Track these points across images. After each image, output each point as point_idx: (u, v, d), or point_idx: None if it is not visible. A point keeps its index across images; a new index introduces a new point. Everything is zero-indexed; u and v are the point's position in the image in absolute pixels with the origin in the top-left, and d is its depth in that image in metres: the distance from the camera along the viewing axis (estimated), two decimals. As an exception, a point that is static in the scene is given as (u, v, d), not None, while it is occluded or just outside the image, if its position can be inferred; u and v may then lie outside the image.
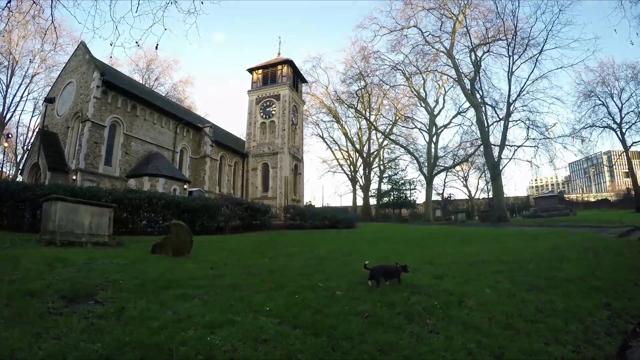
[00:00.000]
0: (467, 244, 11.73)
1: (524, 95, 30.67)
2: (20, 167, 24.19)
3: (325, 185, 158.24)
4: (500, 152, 31.46)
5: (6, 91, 36.28)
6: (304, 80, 40.10)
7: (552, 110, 34.99)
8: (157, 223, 13.84)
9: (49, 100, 19.34)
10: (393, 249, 10.76)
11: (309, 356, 2.63)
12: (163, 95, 44.13)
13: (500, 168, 32.01)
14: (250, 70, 36.31)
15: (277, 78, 34.98)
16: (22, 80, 37.75)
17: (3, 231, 9.86)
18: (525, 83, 30.08)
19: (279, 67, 35.15)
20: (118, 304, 3.67)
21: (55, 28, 7.64)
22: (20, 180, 20.60)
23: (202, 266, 5.86)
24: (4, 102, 35.98)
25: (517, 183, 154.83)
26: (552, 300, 4.16)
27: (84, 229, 9.08)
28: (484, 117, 31.69)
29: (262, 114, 34.55)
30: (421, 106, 42.39)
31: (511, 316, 3.64)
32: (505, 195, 53.21)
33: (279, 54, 38.08)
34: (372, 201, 52.17)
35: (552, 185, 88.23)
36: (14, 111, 37.61)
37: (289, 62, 34.96)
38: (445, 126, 41.69)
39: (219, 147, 29.69)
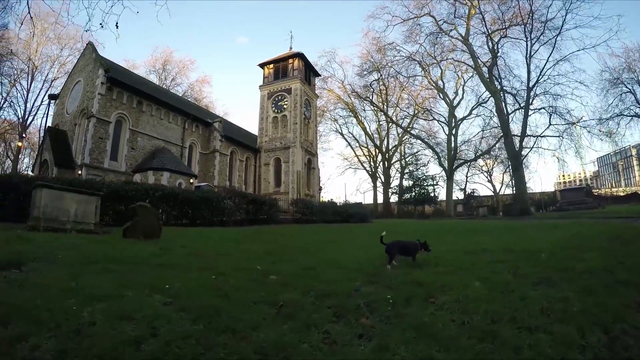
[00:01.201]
0: (476, 235, 11.21)
1: (544, 80, 29.63)
2: (32, 164, 25.60)
3: (348, 183, 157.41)
4: (521, 142, 30.34)
5: (27, 96, 38.15)
6: (317, 74, 39.94)
7: (576, 96, 33.29)
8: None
9: (53, 97, 20.19)
10: (391, 238, 10.44)
11: (163, 341, 2.19)
12: (180, 95, 45.39)
13: (522, 158, 30.89)
14: (262, 65, 36.48)
15: (289, 72, 34.99)
16: (42, 85, 39.63)
17: (5, 222, 10.23)
18: (544, 66, 28.78)
19: (290, 60, 35.15)
20: (36, 273, 3.64)
21: (31, 18, 7.81)
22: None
23: (153, 248, 5.79)
24: (25, 107, 37.90)
25: (543, 178, 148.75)
26: (565, 298, 3.08)
27: (69, 216, 9.28)
28: (503, 105, 30.66)
29: (273, 108, 34.66)
30: (440, 98, 41.55)
31: (499, 320, 2.64)
32: (531, 191, 51.49)
33: (290, 48, 38.12)
34: (395, 198, 51.63)
35: (580, 180, 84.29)
36: (35, 115, 39.64)
37: (300, 55, 34.90)
38: (465, 117, 40.63)
39: (229, 143, 30.03)
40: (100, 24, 6.71)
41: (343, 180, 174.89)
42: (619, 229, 9.13)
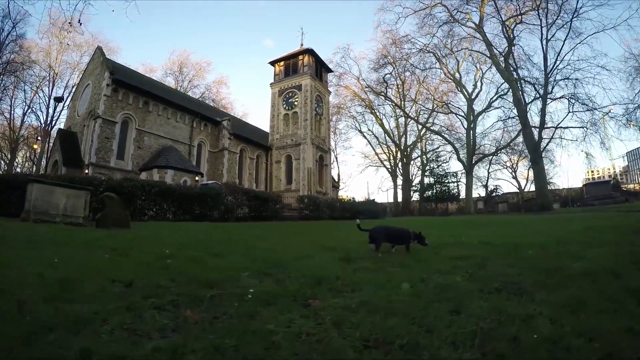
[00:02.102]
0: (472, 228, 11.07)
1: (563, 67, 28.55)
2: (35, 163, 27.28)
3: (371, 181, 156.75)
4: (540, 132, 29.45)
5: (48, 102, 40.53)
6: (329, 70, 40.06)
7: (598, 82, 30.96)
8: (152, 210, 14.81)
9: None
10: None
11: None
12: (197, 96, 46.88)
13: (542, 150, 29.90)
14: (272, 63, 37.00)
15: (299, 68, 35.33)
16: (64, 91, 41.86)
17: (9, 217, 11.03)
18: (561, 48, 27.75)
19: (300, 57, 35.47)
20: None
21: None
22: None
23: (105, 234, 6.17)
24: (47, 112, 40.25)
25: (570, 174, 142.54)
26: (528, 317, 2.04)
27: (59, 209, 9.94)
28: (521, 95, 29.77)
29: (284, 105, 35.10)
30: (458, 91, 40.77)
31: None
32: (558, 187, 49.53)
33: (301, 44, 38.34)
34: (417, 196, 51.27)
35: (610, 176, 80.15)
36: (57, 120, 42.00)
37: (310, 51, 35.14)
38: (484, 110, 39.60)
39: (239, 140, 30.70)
40: (79, 21, 7.16)
41: (366, 178, 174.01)
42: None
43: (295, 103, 34.45)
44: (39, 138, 32.44)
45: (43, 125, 39.82)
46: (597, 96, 55.76)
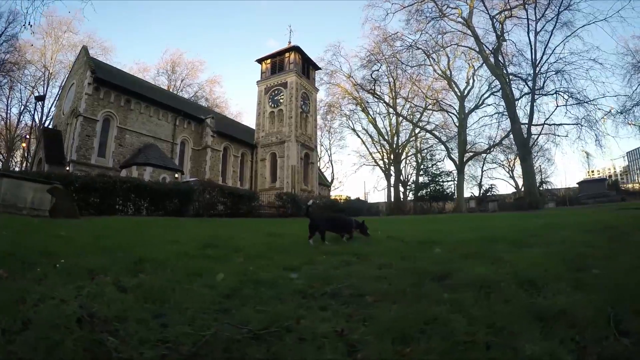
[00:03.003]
0: (430, 224, 12.03)
1: (554, 61, 29.15)
2: (30, 162, 28.72)
3: (367, 181, 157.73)
4: (529, 128, 30.23)
5: (43, 102, 41.95)
6: (317, 67, 41.03)
7: (591, 77, 30.81)
8: (124, 205, 15.98)
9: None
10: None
11: None
12: (190, 95, 48.30)
13: (531, 146, 30.76)
14: (260, 61, 38.10)
15: (285, 66, 36.37)
16: (59, 91, 43.19)
17: None
18: (548, 40, 28.40)
19: (287, 54, 36.51)
20: None
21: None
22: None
23: (41, 222, 7.33)
24: (42, 111, 41.57)
25: (569, 174, 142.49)
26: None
27: (27, 202, 11.07)
28: (509, 90, 30.57)
29: (270, 103, 36.18)
30: (450, 88, 41.65)
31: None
32: (556, 187, 50.24)
33: (289, 42, 39.33)
34: (411, 195, 52.45)
35: (609, 176, 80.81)
36: (47, 119, 43.30)
37: (296, 49, 36.20)
38: (476, 107, 40.40)
39: (222, 138, 31.84)
40: (30, 23, 8.26)
41: (363, 177, 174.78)
42: (619, 219, 7.98)
43: (281, 100, 35.52)
44: (27, 137, 33.77)
45: (38, 124, 41.25)
46: (590, 91, 56.02)
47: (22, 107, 40.29)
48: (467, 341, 1.69)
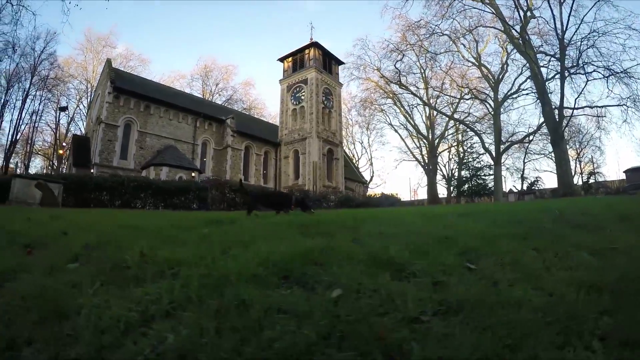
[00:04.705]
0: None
1: (585, 34, 27.30)
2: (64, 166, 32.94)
3: (413, 177, 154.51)
4: (560, 110, 28.65)
5: (87, 113, 47.05)
6: (340, 62, 41.84)
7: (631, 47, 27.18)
8: (132, 203, 18.16)
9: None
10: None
11: None
12: (225, 98, 51.88)
13: (562, 130, 29.11)
14: (282, 60, 39.90)
15: (305, 63, 37.84)
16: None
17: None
18: (571, 7, 26.15)
19: (307, 51, 37.92)
20: None
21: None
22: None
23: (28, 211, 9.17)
24: (68, 120, 46.62)
25: (622, 164, 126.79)
26: None
27: (35, 199, 13.40)
28: (537, 69, 29.27)
29: (292, 100, 37.79)
30: (482, 75, 40.52)
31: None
32: (608, 178, 46.56)
33: (311, 39, 40.50)
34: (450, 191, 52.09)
35: None
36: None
37: (316, 45, 37.48)
38: (511, 94, 38.98)
39: (244, 138, 33.91)
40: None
41: (407, 174, 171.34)
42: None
43: (302, 97, 36.96)
44: (64, 144, 38.38)
45: (85, 134, 46.54)
46: (627, 65, 50.73)
47: (70, 118, 45.75)
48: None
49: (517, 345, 1.48)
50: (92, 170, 23.06)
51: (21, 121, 34.48)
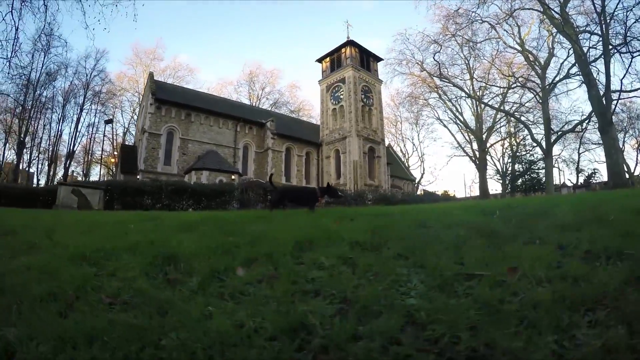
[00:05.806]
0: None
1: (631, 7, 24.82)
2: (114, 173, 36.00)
3: (467, 174, 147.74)
4: (607, 94, 26.21)
5: (136, 123, 50.87)
6: (378, 59, 41.47)
7: None
8: (172, 206, 19.40)
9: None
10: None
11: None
12: (272, 102, 53.78)
13: (611, 115, 26.52)
14: (319, 61, 40.45)
15: (342, 62, 38.05)
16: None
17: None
18: None
19: (343, 50, 38.18)
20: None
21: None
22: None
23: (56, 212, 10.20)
24: (112, 131, 49.97)
25: None
26: None
27: (76, 203, 14.85)
28: (580, 50, 27.03)
29: (332, 100, 38.16)
30: (527, 61, 38.24)
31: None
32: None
33: (347, 37, 40.50)
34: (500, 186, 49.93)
35: None
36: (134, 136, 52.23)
37: (351, 43, 37.59)
38: (558, 80, 36.25)
39: (285, 139, 34.77)
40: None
41: (461, 170, 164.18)
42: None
43: (341, 96, 37.19)
44: (115, 153, 41.71)
45: (135, 145, 50.42)
46: None
47: (125, 129, 49.66)
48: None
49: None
50: (137, 176, 24.92)
51: (78, 133, 38.37)
